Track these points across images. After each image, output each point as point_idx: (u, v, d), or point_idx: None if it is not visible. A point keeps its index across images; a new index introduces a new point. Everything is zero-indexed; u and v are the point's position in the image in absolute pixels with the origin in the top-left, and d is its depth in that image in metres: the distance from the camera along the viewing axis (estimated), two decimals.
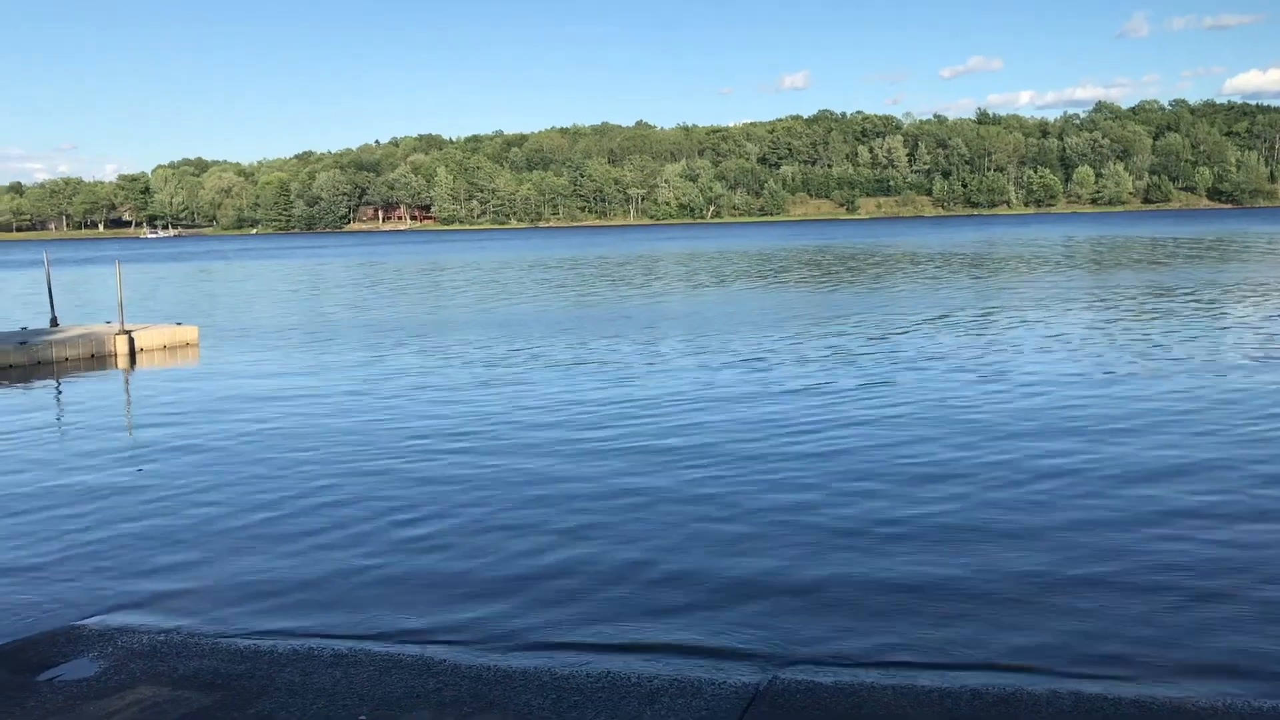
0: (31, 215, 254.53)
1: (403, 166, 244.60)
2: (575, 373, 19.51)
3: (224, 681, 6.41)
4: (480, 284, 49.36)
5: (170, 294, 48.37)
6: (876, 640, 7.14)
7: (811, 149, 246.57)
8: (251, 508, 10.85)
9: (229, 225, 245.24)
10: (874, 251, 72.87)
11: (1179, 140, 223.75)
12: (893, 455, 12.30)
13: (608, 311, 33.01)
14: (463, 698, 6.16)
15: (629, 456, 12.64)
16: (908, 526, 9.57)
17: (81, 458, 13.54)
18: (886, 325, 26.25)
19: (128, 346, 24.17)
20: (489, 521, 10.12)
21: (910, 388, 16.85)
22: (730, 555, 8.93)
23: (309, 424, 15.35)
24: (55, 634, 7.39)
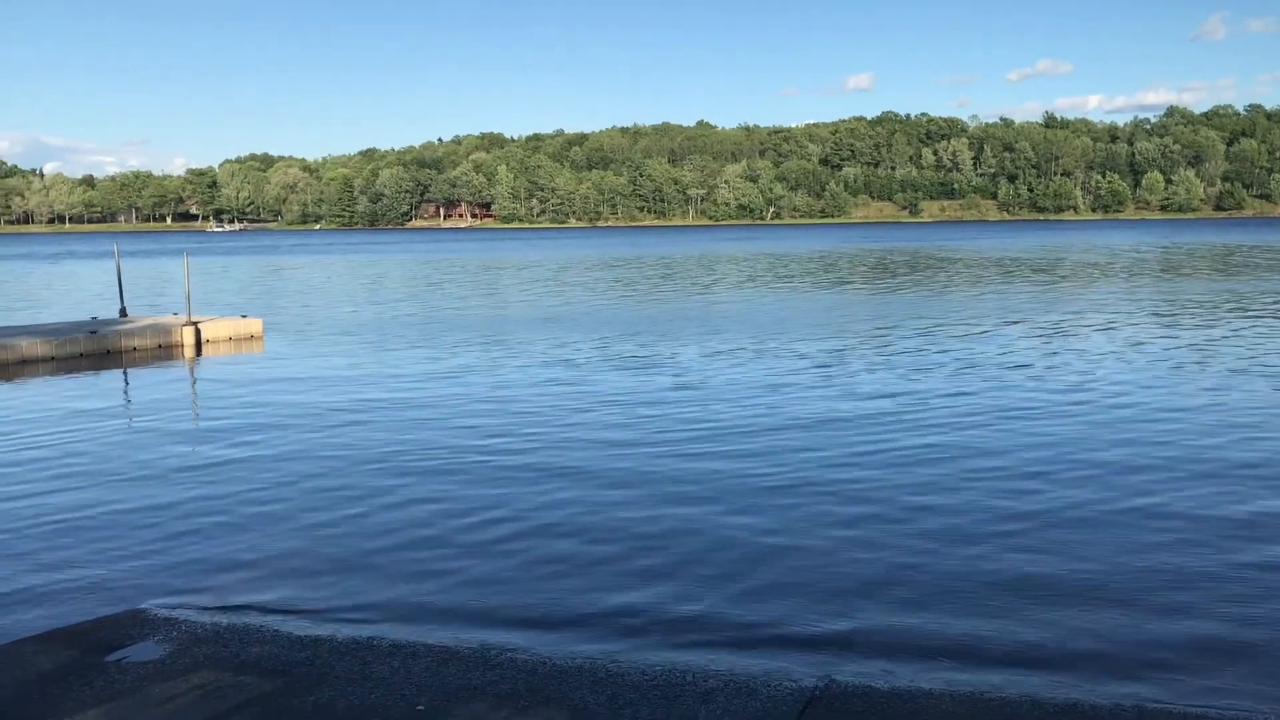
0: (102, 207, 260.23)
1: (464, 164, 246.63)
2: (644, 373, 19.48)
3: (284, 668, 6.50)
4: (545, 282, 49.59)
5: (235, 287, 49.18)
6: (934, 646, 7.06)
7: (874, 151, 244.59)
8: (313, 499, 10.98)
9: (293, 220, 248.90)
10: (940, 256, 72.14)
11: (1254, 146, 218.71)
12: (961, 461, 12.09)
13: (675, 311, 33.00)
14: (519, 691, 6.19)
15: (689, 457, 12.61)
16: (972, 534, 9.44)
17: (148, 446, 13.80)
18: (957, 331, 25.96)
19: (194, 338, 24.61)
20: (547, 520, 10.15)
21: (985, 394, 16.50)
22: (786, 557, 8.87)
23: (373, 417, 15.51)
24: (122, 617, 7.54)
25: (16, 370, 21.13)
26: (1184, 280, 43.61)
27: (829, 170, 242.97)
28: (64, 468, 12.54)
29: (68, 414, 16.18)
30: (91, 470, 12.41)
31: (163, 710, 5.87)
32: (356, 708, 5.93)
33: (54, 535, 9.79)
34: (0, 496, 11.22)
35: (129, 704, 5.96)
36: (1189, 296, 35.07)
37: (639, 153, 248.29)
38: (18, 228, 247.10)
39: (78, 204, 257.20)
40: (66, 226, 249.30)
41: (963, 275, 49.62)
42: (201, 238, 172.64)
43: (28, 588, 8.38)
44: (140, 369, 21.61)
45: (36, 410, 16.60)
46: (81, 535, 9.80)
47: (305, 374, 20.21)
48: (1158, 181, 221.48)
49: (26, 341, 22.44)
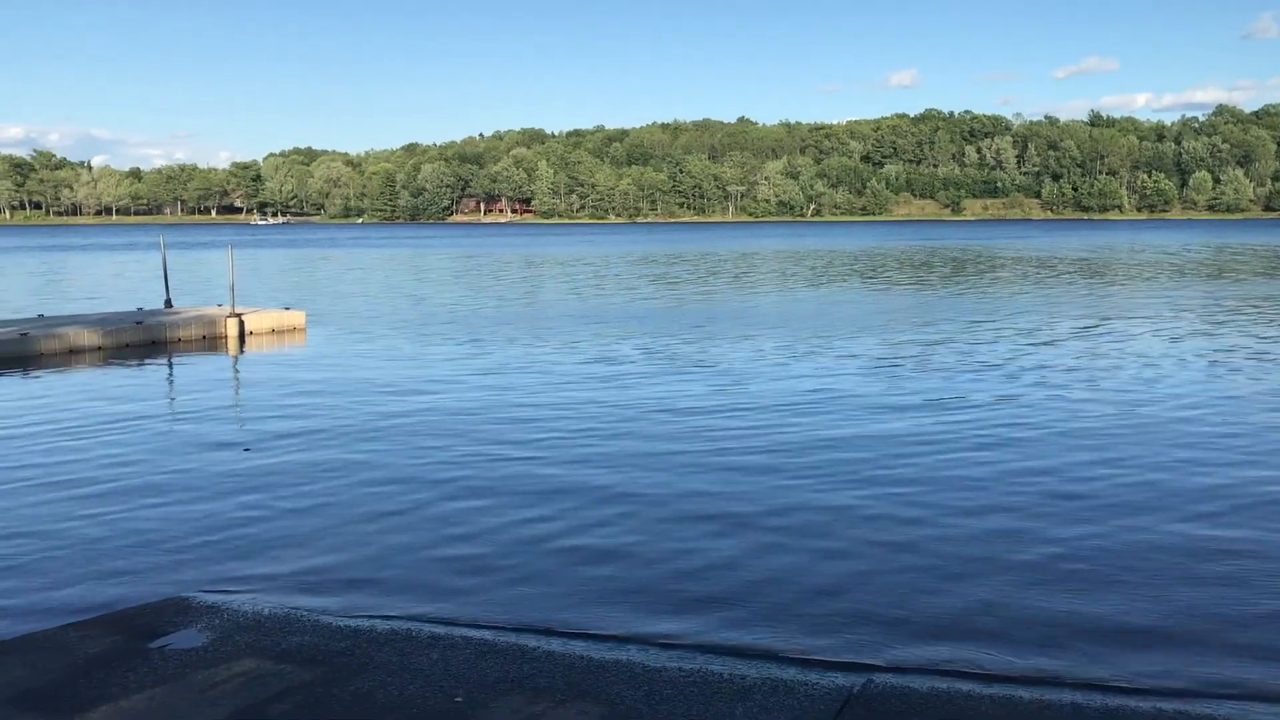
0: (148, 200, 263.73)
1: (505, 160, 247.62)
2: (691, 372, 19.44)
3: (324, 658, 6.56)
4: (589, 278, 49.68)
5: (279, 279, 49.65)
6: (974, 650, 7.00)
7: (917, 148, 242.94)
8: (354, 491, 11.07)
9: (336, 214, 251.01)
10: (985, 254, 71.55)
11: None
12: (1008, 468, 11.90)
13: (721, 309, 32.97)
14: (556, 685, 6.20)
15: (732, 457, 12.59)
16: (1020, 543, 9.31)
17: (191, 435, 13.96)
18: (1008, 332, 25.75)
19: (238, 329, 24.88)
20: (587, 518, 10.17)
21: (1037, 401, 16.10)
22: (825, 559, 8.83)
23: (415, 411, 15.59)
24: (165, 604, 7.64)
25: (65, 359, 21.46)
26: (1240, 283, 42.96)
27: (870, 167, 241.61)
28: (108, 456, 12.72)
29: (114, 402, 16.41)
30: (135, 459, 12.57)
31: (206, 697, 5.94)
32: (395, 698, 5.97)
33: (98, 522, 9.94)
34: (47, 483, 11.40)
35: (173, 690, 6.04)
36: (1246, 298, 34.56)
37: (679, 149, 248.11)
38: (66, 219, 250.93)
39: (124, 196, 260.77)
40: (113, 218, 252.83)
41: (1016, 275, 49.18)
42: (246, 230, 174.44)
43: (73, 573, 8.51)
44: (185, 359, 21.88)
45: (84, 399, 16.84)
46: (126, 522, 9.93)
47: (347, 367, 20.37)
48: (1206, 181, 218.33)
49: (75, 331, 22.78)
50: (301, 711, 5.78)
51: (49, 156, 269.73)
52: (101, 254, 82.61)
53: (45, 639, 6.90)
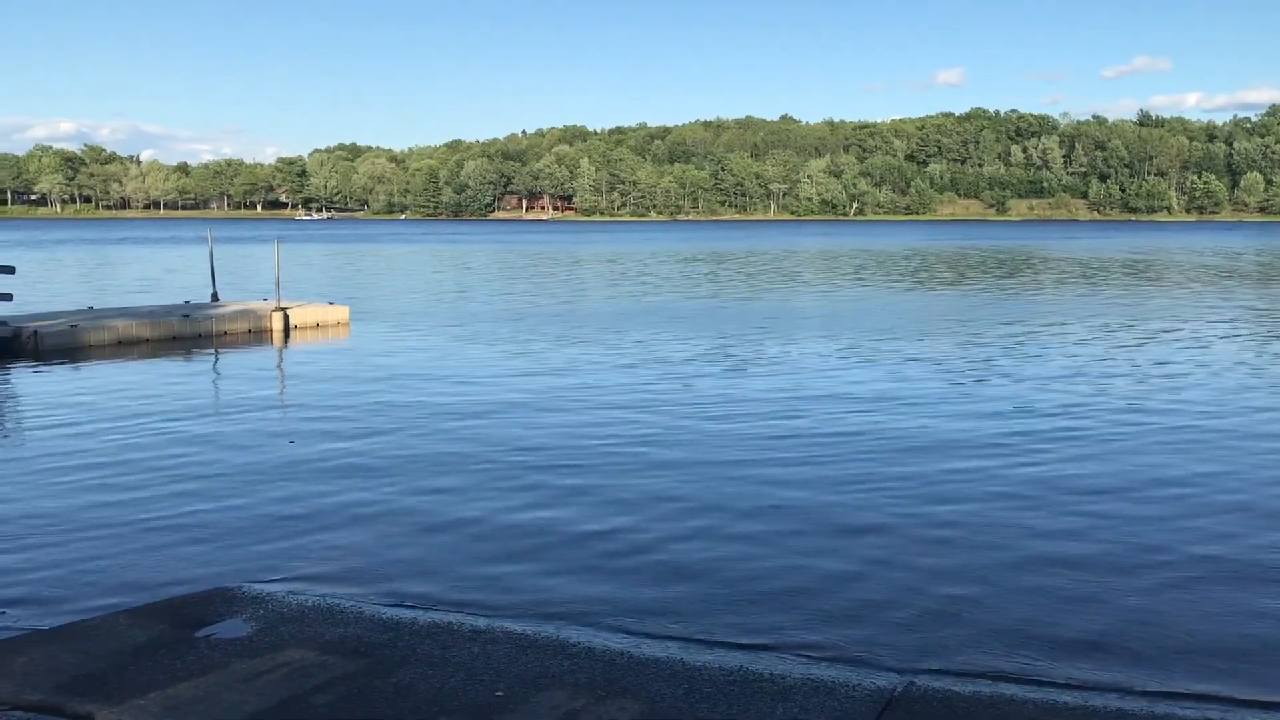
0: (195, 194, 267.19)
1: (547, 157, 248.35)
2: (748, 370, 19.37)
3: (367, 649, 6.61)
4: (634, 275, 49.73)
5: (323, 274, 50.11)
6: (1017, 655, 6.94)
7: (962, 147, 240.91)
8: (396, 483, 11.15)
9: (379, 210, 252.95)
10: (1038, 255, 70.87)
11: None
12: (1061, 473, 11.70)
13: (770, 308, 32.90)
14: (596, 681, 6.21)
15: (782, 460, 12.55)
16: (1063, 546, 9.22)
17: (237, 428, 14.12)
18: (1076, 335, 25.50)
19: (283, 323, 25.14)
20: (629, 515, 10.18)
21: (1105, 409, 15.63)
22: (870, 563, 8.79)
23: (459, 406, 15.68)
24: (211, 594, 7.73)
25: (113, 351, 21.79)
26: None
27: (915, 166, 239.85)
28: (156, 447, 12.89)
29: (160, 394, 16.63)
30: (180, 450, 12.73)
31: (251, 686, 6.01)
32: (437, 691, 6.01)
33: (145, 512, 10.07)
34: (97, 474, 11.57)
35: (218, 679, 6.11)
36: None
37: (721, 147, 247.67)
38: (115, 213, 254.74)
39: (172, 191, 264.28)
40: (161, 212, 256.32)
41: (1077, 277, 48.67)
42: (291, 225, 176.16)
43: (121, 563, 8.64)
44: (231, 352, 22.14)
45: (130, 390, 17.08)
46: (171, 513, 10.06)
47: (390, 361, 20.52)
48: (1257, 183, 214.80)
49: (123, 323, 23.11)
50: (345, 702, 5.83)
51: (99, 151, 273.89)
52: (149, 247, 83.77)
53: (94, 626, 7.01)
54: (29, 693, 5.89)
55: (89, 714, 5.67)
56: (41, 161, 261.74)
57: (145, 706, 5.75)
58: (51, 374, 19.04)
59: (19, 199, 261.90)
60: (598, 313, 30.45)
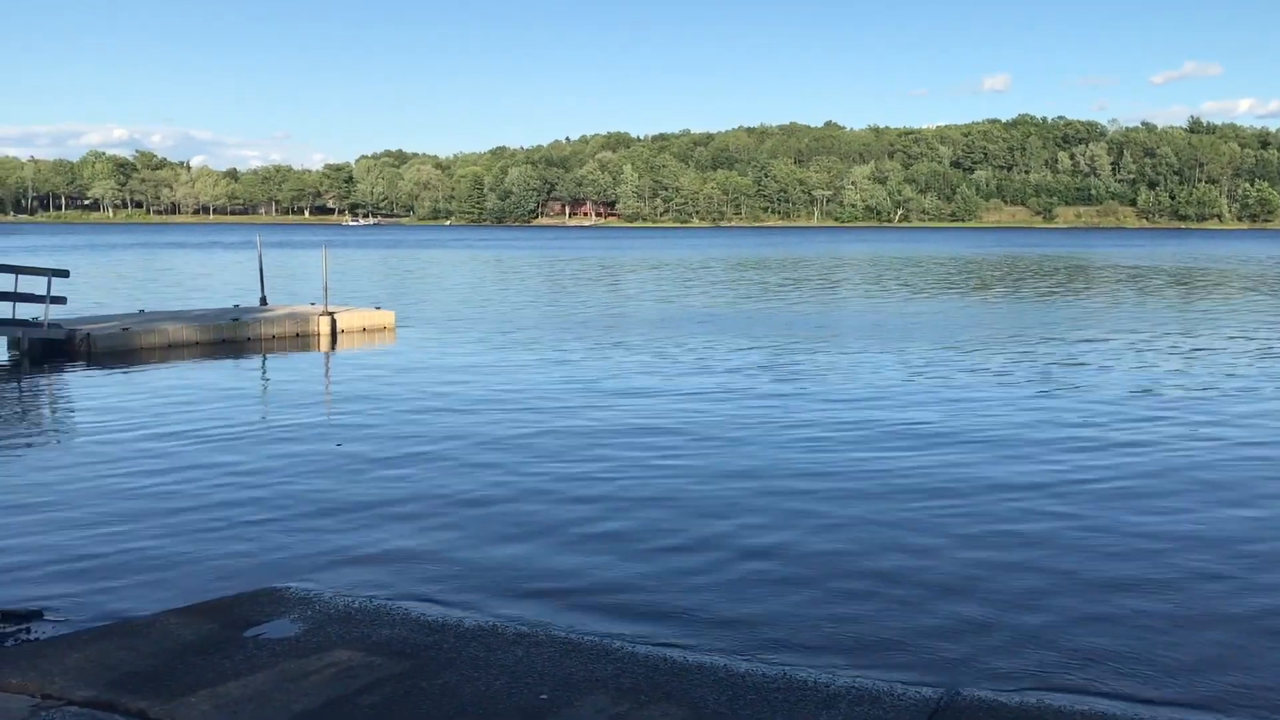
0: (244, 200, 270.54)
1: (590, 163, 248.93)
2: (799, 382, 19.25)
3: (413, 651, 6.66)
4: (682, 282, 49.73)
5: (369, 279, 50.54)
6: (1066, 668, 6.87)
7: (1008, 154, 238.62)
8: (442, 486, 11.23)
9: (424, 216, 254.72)
10: (1091, 263, 70.06)
11: None
12: (1126, 490, 11.35)
13: (826, 316, 32.78)
14: (639, 685, 6.22)
15: (831, 466, 12.51)
16: (1120, 565, 9.06)
17: (285, 430, 14.28)
18: (1147, 345, 25.19)
19: (330, 327, 25.40)
20: (674, 520, 10.19)
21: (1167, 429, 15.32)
22: (917, 570, 8.74)
23: (507, 411, 15.76)
24: (259, 594, 7.82)
25: (164, 354, 22.11)
26: None
27: (960, 173, 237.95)
28: (204, 448, 13.07)
29: (211, 397, 16.85)
30: (229, 452, 12.89)
31: (299, 686, 6.08)
32: (482, 693, 6.04)
33: (194, 513, 10.22)
34: (148, 475, 11.75)
35: (267, 678, 6.19)
36: None
37: (764, 153, 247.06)
38: (165, 217, 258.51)
39: (221, 196, 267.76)
40: (210, 217, 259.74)
41: (1135, 287, 48.08)
42: (337, 231, 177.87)
43: (171, 562, 8.77)
44: (279, 356, 22.40)
45: (180, 393, 17.32)
46: (220, 514, 10.20)
47: (436, 365, 20.66)
48: None
49: (174, 326, 23.46)
50: (391, 703, 5.88)
51: (150, 157, 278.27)
52: (199, 252, 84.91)
53: (145, 624, 7.12)
54: (83, 689, 6.00)
55: (141, 710, 5.75)
56: (95, 167, 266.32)
57: (195, 704, 5.83)
58: (103, 376, 19.36)
59: (73, 204, 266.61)
60: (645, 319, 30.46)
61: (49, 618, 7.51)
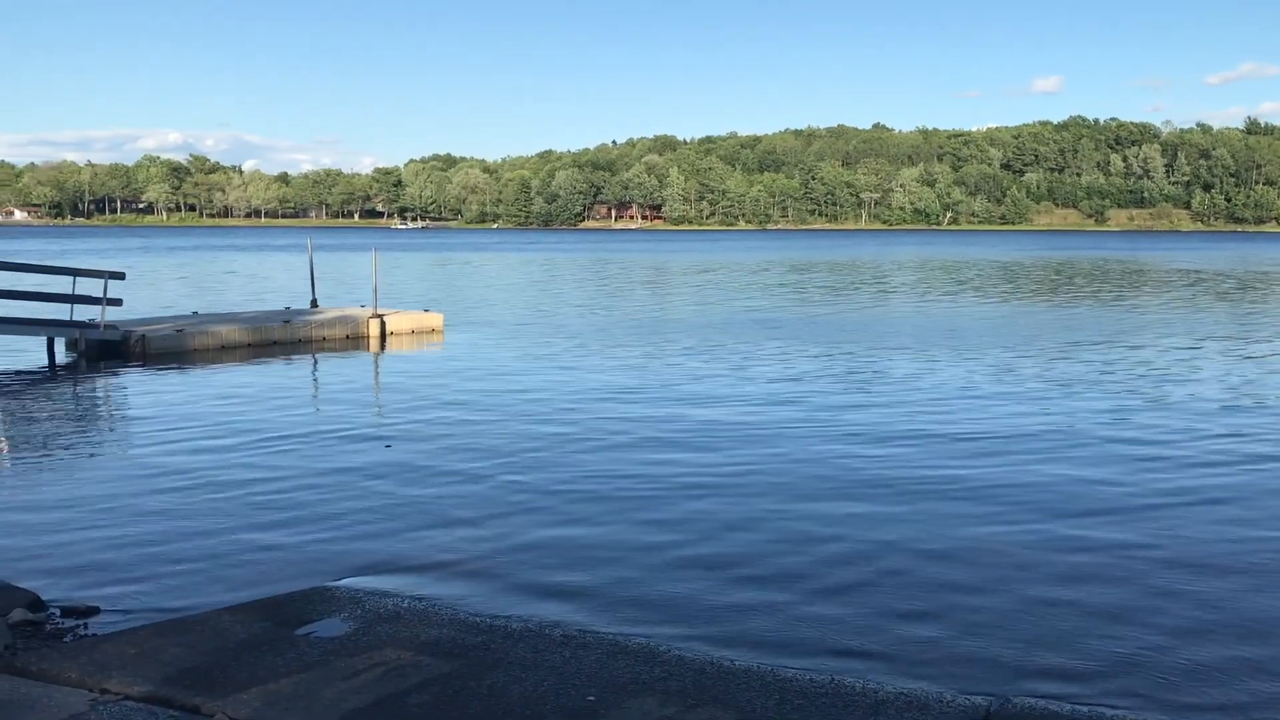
0: (295, 203, 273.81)
1: (637, 167, 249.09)
2: (864, 388, 19.11)
3: (461, 651, 6.70)
4: (734, 286, 49.65)
5: (418, 282, 50.94)
6: (1115, 677, 6.78)
7: (1059, 156, 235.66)
8: (492, 488, 11.29)
9: (472, 219, 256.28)
10: (1155, 267, 69.08)
11: None
12: (1193, 500, 11.09)
13: (891, 320, 32.61)
14: (687, 689, 6.21)
15: (885, 473, 12.44)
16: (1181, 575, 8.90)
17: (335, 431, 14.42)
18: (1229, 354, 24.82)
19: (379, 329, 25.62)
20: (724, 521, 10.18)
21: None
22: (969, 581, 8.66)
23: (552, 410, 15.85)
24: (310, 592, 7.91)
25: (216, 355, 22.42)
26: None
27: (1011, 175, 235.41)
28: (256, 448, 13.24)
29: (262, 398, 17.07)
30: (281, 453, 13.05)
31: (349, 684, 6.14)
32: (530, 694, 6.07)
33: (246, 512, 10.36)
34: (200, 474, 11.92)
35: (317, 676, 6.25)
36: None
37: (812, 155, 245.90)
38: (218, 221, 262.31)
39: (273, 199, 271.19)
40: (262, 220, 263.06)
41: (1208, 292, 47.36)
42: (386, 234, 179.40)
43: (224, 560, 8.89)
44: (329, 357, 22.64)
45: (232, 394, 17.56)
46: (272, 513, 10.32)
47: (485, 367, 20.78)
48: None
49: (226, 328, 23.79)
50: (441, 702, 5.92)
51: (203, 161, 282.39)
52: (251, 254, 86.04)
53: (198, 621, 7.22)
54: (139, 684, 6.10)
55: (195, 706, 5.84)
56: (149, 171, 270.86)
57: (247, 701, 5.90)
58: (157, 377, 19.66)
59: (128, 207, 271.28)
60: (696, 323, 30.44)
61: (105, 613, 7.65)
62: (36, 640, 6.99)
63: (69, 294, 21.87)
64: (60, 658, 6.56)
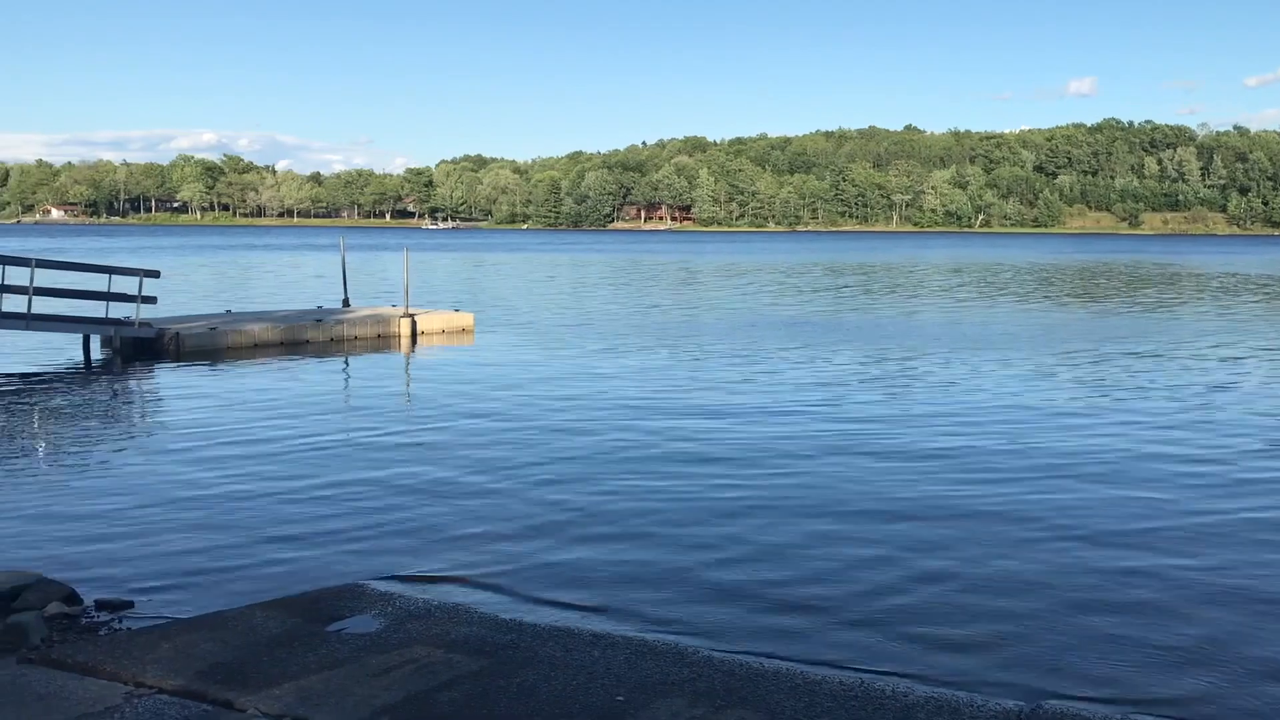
0: (327, 203, 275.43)
1: (667, 168, 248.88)
2: (912, 388, 19.04)
3: (491, 649, 6.73)
4: (766, 288, 49.55)
5: (449, 282, 51.15)
6: (1149, 684, 6.72)
7: (1093, 159, 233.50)
8: (520, 487, 11.32)
9: (501, 220, 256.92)
10: (1190, 270, 68.38)
11: None
12: (1236, 506, 11.01)
13: (928, 323, 32.48)
14: (715, 689, 6.21)
15: (923, 471, 12.39)
16: (1221, 579, 8.81)
17: (366, 430, 14.51)
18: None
19: (410, 329, 25.75)
20: (760, 529, 10.17)
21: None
22: (1001, 587, 8.61)
23: (582, 409, 15.89)
24: (341, 590, 7.97)
25: (249, 353, 22.60)
26: None
27: (1043, 178, 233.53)
28: (288, 446, 13.34)
29: (294, 396, 17.19)
30: (312, 451, 13.14)
31: (380, 681, 6.18)
32: (559, 693, 6.09)
33: (278, 509, 10.44)
34: (233, 470, 12.03)
35: (349, 672, 6.30)
36: None
37: (843, 157, 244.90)
38: (251, 220, 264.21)
39: (305, 199, 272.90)
40: (294, 220, 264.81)
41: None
42: (418, 234, 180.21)
43: (256, 558, 8.97)
44: (360, 356, 22.77)
45: (266, 391, 17.69)
46: (303, 511, 10.40)
47: (514, 366, 20.84)
48: None
49: (259, 326, 23.97)
50: (471, 700, 5.95)
51: (237, 161, 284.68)
52: (284, 254, 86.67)
53: (233, 617, 7.29)
54: (173, 678, 6.16)
55: (228, 700, 5.89)
56: (184, 171, 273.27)
57: (280, 696, 5.95)
58: (191, 374, 19.85)
59: (162, 206, 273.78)
60: (730, 327, 30.40)
61: (139, 608, 7.73)
62: (72, 633, 7.08)
63: (105, 292, 22.10)
64: (96, 651, 6.64)
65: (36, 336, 22.48)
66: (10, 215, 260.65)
